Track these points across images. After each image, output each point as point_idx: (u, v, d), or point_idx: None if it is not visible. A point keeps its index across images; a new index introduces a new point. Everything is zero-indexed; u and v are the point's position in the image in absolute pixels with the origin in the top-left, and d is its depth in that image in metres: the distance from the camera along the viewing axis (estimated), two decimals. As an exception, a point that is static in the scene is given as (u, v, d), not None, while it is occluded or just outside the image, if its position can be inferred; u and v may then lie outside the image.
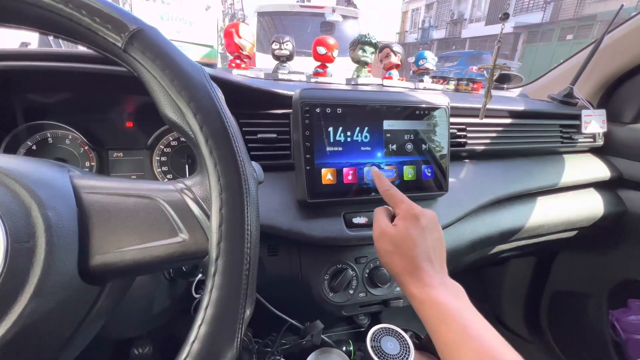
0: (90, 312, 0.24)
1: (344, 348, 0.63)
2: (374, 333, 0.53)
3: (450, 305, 0.33)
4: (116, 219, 0.24)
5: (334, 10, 3.60)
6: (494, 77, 0.56)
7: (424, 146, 0.57)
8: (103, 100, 0.56)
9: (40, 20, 0.24)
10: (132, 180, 0.28)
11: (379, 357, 0.49)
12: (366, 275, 0.56)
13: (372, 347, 0.50)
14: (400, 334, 0.53)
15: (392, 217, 0.43)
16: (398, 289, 0.58)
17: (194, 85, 0.26)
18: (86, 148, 0.56)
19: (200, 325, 0.22)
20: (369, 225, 0.56)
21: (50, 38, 0.87)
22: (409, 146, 0.56)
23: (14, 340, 0.19)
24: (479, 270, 1.21)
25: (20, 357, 0.20)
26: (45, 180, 0.23)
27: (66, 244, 0.22)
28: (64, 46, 0.91)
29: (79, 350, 0.25)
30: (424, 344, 0.58)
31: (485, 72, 0.55)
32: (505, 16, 0.49)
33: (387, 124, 0.55)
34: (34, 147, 0.54)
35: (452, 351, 0.30)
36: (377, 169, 0.48)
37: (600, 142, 0.87)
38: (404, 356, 0.50)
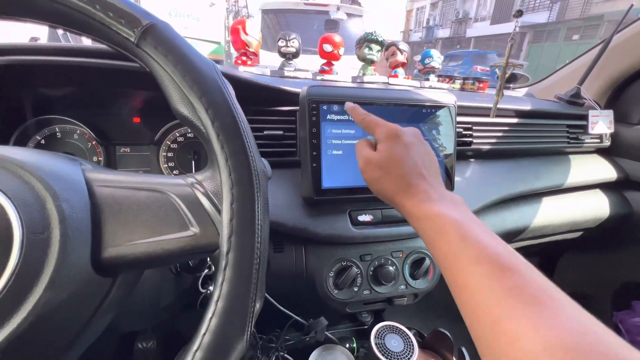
0: (103, 303, 0.24)
1: (347, 345, 0.63)
2: (378, 330, 0.53)
3: (448, 217, 0.31)
4: (128, 212, 0.25)
5: (338, 8, 3.59)
6: (507, 75, 0.55)
7: (429, 144, 0.57)
8: (111, 96, 0.56)
9: (54, 14, 0.25)
10: (143, 174, 0.28)
11: (383, 355, 0.49)
12: (371, 272, 0.57)
13: (376, 344, 0.51)
14: (405, 332, 0.53)
15: (374, 147, 0.41)
16: (402, 286, 0.58)
17: (205, 80, 0.26)
18: (94, 143, 0.57)
19: (212, 317, 0.23)
20: (374, 223, 0.56)
21: (60, 33, 0.87)
22: (415, 144, 0.56)
23: (28, 331, 0.19)
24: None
25: (34, 347, 0.21)
26: (59, 173, 0.24)
27: (79, 236, 0.22)
28: (73, 41, 0.91)
29: (91, 341, 0.26)
30: (428, 342, 0.58)
31: (497, 69, 0.55)
32: (519, 13, 0.49)
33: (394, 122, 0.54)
34: (43, 142, 0.55)
35: (451, 261, 0.29)
36: (350, 102, 0.45)
37: (607, 142, 0.86)
38: (408, 354, 0.50)
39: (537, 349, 0.20)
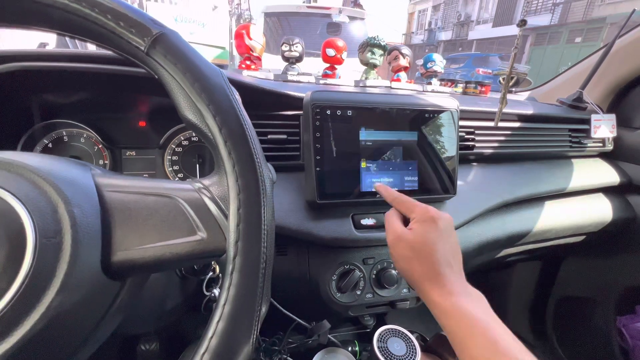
0: (112, 306, 0.25)
1: (349, 348, 0.63)
2: (380, 334, 0.53)
3: (476, 316, 0.32)
4: (137, 216, 0.25)
5: (340, 12, 3.61)
6: (510, 84, 0.55)
7: (432, 149, 0.57)
8: (117, 100, 0.57)
9: (66, 23, 0.25)
10: (151, 180, 0.28)
11: (385, 358, 0.50)
12: (373, 276, 0.57)
13: (378, 347, 0.51)
14: (407, 336, 0.54)
15: (404, 221, 0.42)
16: (405, 290, 0.58)
17: (213, 88, 0.26)
18: (100, 146, 0.57)
19: (219, 321, 0.23)
20: (377, 227, 0.56)
21: (67, 39, 0.88)
22: (418, 148, 0.56)
23: (40, 333, 0.20)
24: (485, 274, 1.20)
25: (46, 350, 0.21)
26: (70, 178, 0.24)
27: (90, 241, 0.23)
28: (80, 47, 0.92)
29: (99, 344, 0.26)
30: (431, 346, 0.58)
31: (501, 78, 0.55)
32: (523, 23, 0.49)
33: (397, 126, 0.55)
34: (50, 145, 0.55)
35: None
36: (379, 183, 0.45)
37: (609, 146, 0.86)
38: (411, 358, 0.50)
39: None
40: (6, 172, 0.23)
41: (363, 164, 0.54)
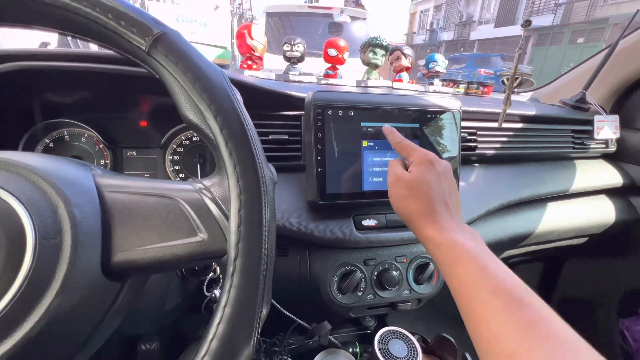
0: (112, 307, 0.25)
1: (350, 349, 0.63)
2: (381, 335, 0.53)
3: (468, 247, 0.32)
4: (137, 217, 0.25)
5: (342, 12, 3.60)
6: (514, 85, 0.55)
7: (434, 149, 0.57)
8: (119, 100, 0.57)
9: (67, 22, 0.25)
10: (152, 180, 0.28)
11: (386, 360, 0.49)
12: (375, 277, 0.57)
13: (379, 349, 0.51)
14: (408, 337, 0.53)
15: (406, 168, 0.42)
16: (406, 291, 0.58)
17: (214, 88, 0.26)
18: (101, 146, 0.57)
19: (219, 323, 0.23)
20: (378, 228, 0.56)
21: (69, 38, 0.88)
22: (420, 149, 0.56)
23: (40, 335, 0.20)
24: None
25: (46, 351, 0.21)
26: (70, 178, 0.24)
27: (90, 241, 0.22)
28: (82, 46, 0.92)
29: (99, 345, 0.26)
30: (431, 348, 0.58)
31: (504, 79, 0.55)
32: (528, 23, 0.49)
33: (399, 127, 0.55)
34: (51, 145, 0.55)
35: (468, 289, 0.30)
36: (388, 125, 0.47)
37: (612, 148, 0.85)
38: (412, 359, 0.50)
39: None
40: (6, 172, 0.22)
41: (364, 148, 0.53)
